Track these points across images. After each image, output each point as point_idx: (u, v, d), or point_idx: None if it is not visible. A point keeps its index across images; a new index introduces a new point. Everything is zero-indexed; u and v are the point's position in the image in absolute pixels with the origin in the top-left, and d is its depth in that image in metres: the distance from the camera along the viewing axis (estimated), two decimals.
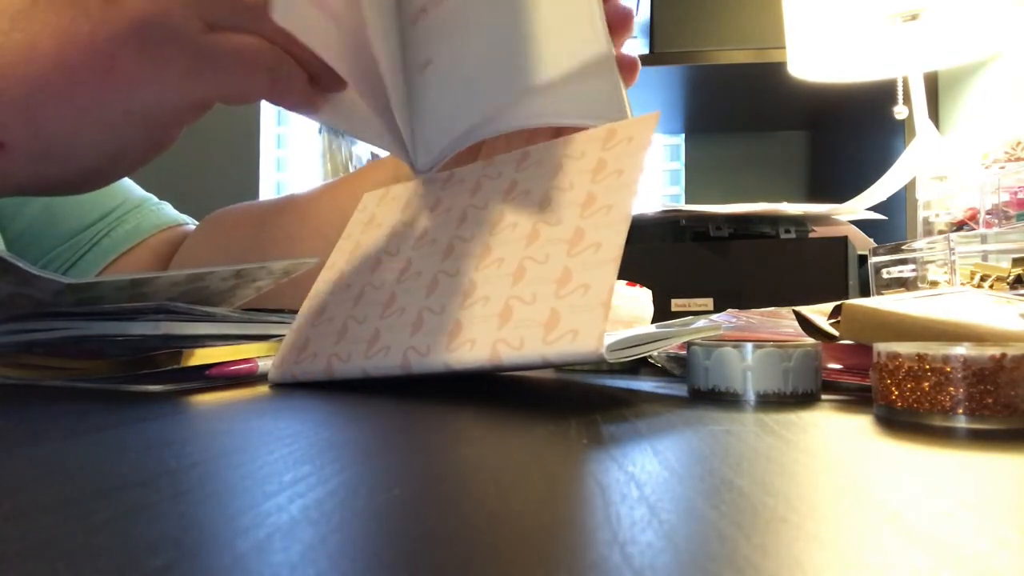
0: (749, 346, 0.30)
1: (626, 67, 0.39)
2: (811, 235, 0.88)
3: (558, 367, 0.29)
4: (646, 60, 1.45)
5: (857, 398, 0.31)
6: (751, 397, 0.30)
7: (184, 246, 0.64)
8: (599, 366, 0.42)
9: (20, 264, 0.31)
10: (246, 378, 0.38)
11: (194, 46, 0.30)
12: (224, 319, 0.39)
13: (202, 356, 0.36)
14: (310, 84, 0.34)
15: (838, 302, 0.35)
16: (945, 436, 0.23)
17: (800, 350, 0.30)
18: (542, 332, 0.29)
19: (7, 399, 0.33)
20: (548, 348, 0.28)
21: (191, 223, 0.68)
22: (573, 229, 0.32)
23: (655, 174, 1.93)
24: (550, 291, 0.30)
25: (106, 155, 0.33)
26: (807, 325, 0.37)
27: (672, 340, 0.34)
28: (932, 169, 0.79)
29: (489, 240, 0.35)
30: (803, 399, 0.30)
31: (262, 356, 0.39)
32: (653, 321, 0.48)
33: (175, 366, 0.35)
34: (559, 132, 0.41)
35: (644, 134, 0.33)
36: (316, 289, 0.41)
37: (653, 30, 1.46)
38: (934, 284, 0.68)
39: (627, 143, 0.32)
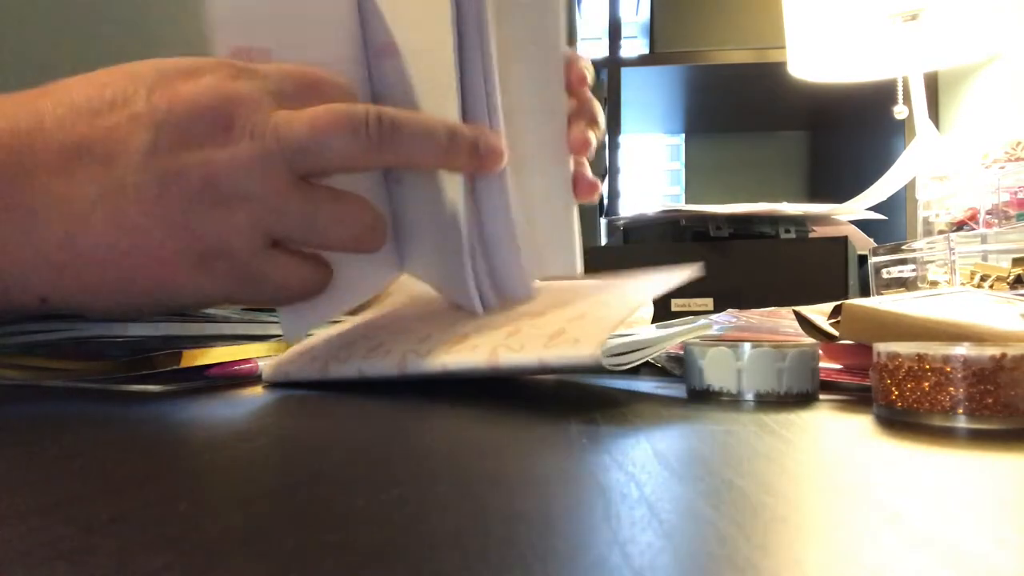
0: (745, 346, 0.30)
1: (585, 188, 0.41)
2: (811, 235, 0.88)
3: (556, 372, 0.29)
4: (646, 60, 1.45)
5: (857, 398, 0.31)
6: (746, 397, 0.30)
7: None
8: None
9: None
10: (246, 378, 0.38)
11: (244, 269, 0.30)
12: (224, 319, 0.39)
13: (202, 356, 0.36)
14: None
15: (838, 302, 0.35)
16: (945, 436, 0.23)
17: (795, 350, 0.30)
18: (544, 340, 0.29)
19: (7, 399, 0.33)
20: (547, 352, 0.28)
21: None
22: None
23: (655, 174, 1.94)
24: (562, 316, 0.31)
25: (131, 316, 0.35)
26: (807, 325, 0.37)
27: (667, 343, 0.34)
28: (932, 169, 0.79)
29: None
30: (799, 399, 0.30)
31: (262, 356, 0.39)
32: (653, 321, 0.48)
33: (175, 366, 0.35)
34: None
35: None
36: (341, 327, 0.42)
37: (653, 30, 1.46)
38: (934, 284, 0.68)
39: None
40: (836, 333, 0.35)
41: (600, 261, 0.86)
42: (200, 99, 0.29)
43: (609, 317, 0.30)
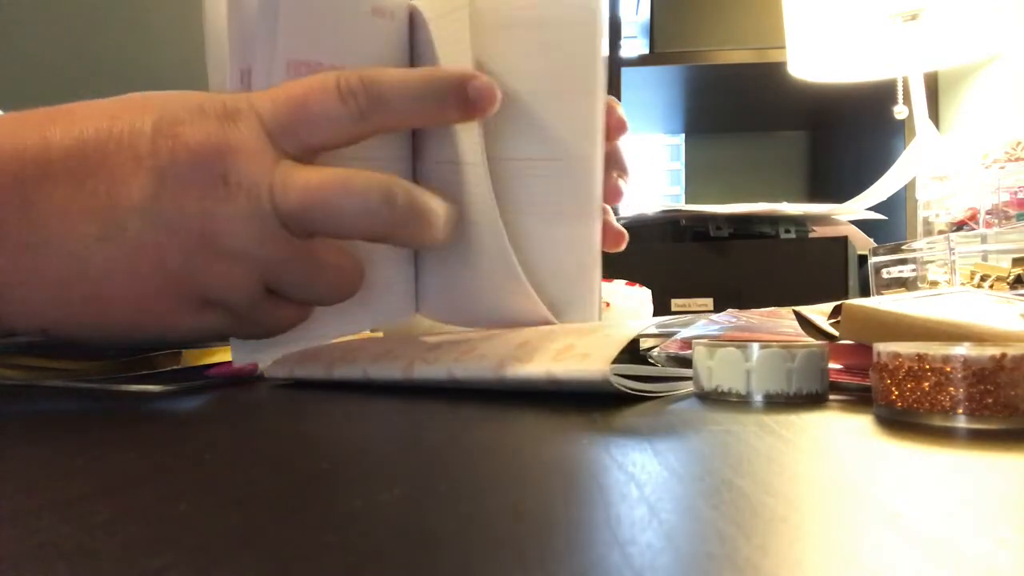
0: (754, 346, 0.30)
1: (613, 238, 0.41)
2: (811, 235, 0.88)
3: (561, 390, 0.30)
4: (646, 60, 1.45)
5: (857, 398, 0.31)
6: (755, 398, 0.30)
7: None
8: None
9: None
10: (246, 378, 0.38)
11: (242, 315, 0.31)
12: None
13: (202, 356, 0.36)
14: None
15: (838, 302, 0.35)
16: (945, 436, 0.23)
17: (804, 350, 0.30)
18: (553, 353, 0.30)
19: (7, 399, 0.33)
20: (556, 365, 0.29)
21: None
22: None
23: (655, 174, 1.93)
24: (572, 331, 0.31)
25: (135, 346, 0.36)
26: (807, 325, 0.37)
27: (679, 382, 0.33)
28: (932, 169, 0.79)
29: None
30: (808, 400, 0.30)
31: None
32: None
33: (175, 366, 0.35)
34: None
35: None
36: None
37: (653, 30, 1.46)
38: (934, 284, 0.68)
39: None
40: (836, 333, 0.34)
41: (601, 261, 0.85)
42: (201, 148, 0.29)
43: (619, 335, 0.30)
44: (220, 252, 0.29)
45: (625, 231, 0.42)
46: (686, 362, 0.37)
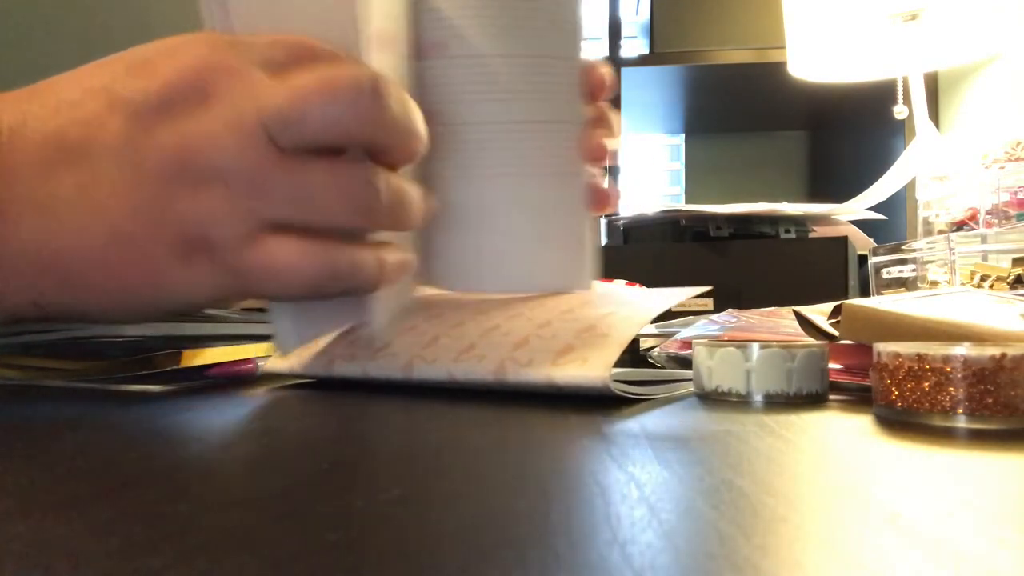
0: (754, 346, 0.30)
1: (600, 199, 0.39)
2: (811, 235, 0.88)
3: (561, 393, 0.30)
4: (646, 60, 1.45)
5: (857, 398, 0.31)
6: (755, 398, 0.30)
7: None
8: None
9: None
10: (246, 378, 0.38)
11: (234, 260, 0.27)
12: (224, 319, 0.39)
13: (202, 356, 0.36)
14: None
15: (838, 302, 0.35)
16: (945, 436, 0.23)
17: (804, 350, 0.30)
18: (552, 356, 0.30)
19: (7, 399, 0.33)
20: (556, 370, 0.29)
21: None
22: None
23: (655, 174, 1.93)
24: (570, 329, 0.31)
25: (126, 322, 0.34)
26: (807, 325, 0.37)
27: (679, 383, 0.33)
28: (932, 169, 0.79)
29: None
30: (808, 400, 0.30)
31: (262, 356, 0.39)
32: (653, 321, 0.48)
33: (175, 366, 0.35)
34: None
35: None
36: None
37: (653, 30, 1.46)
38: (934, 284, 0.68)
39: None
40: (836, 333, 0.34)
41: (601, 261, 0.85)
42: (177, 73, 0.27)
43: (617, 335, 0.30)
44: (199, 176, 0.27)
45: (617, 191, 0.41)
46: (686, 362, 0.37)
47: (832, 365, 0.35)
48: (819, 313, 0.37)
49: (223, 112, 0.27)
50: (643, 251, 0.87)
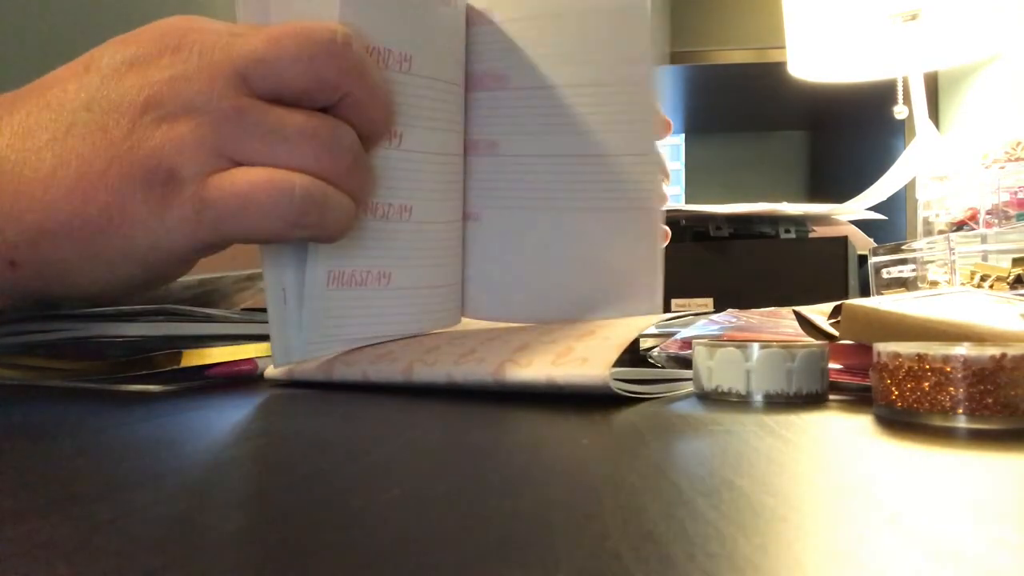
0: (754, 346, 0.30)
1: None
2: (811, 235, 0.88)
3: (561, 393, 0.30)
4: None
5: (857, 398, 0.31)
6: (755, 398, 0.30)
7: None
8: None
9: None
10: (246, 378, 0.38)
11: (198, 193, 0.27)
12: (224, 319, 0.39)
13: (202, 356, 0.36)
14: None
15: (838, 302, 0.35)
16: (945, 436, 0.23)
17: (804, 350, 0.30)
18: (552, 357, 0.30)
19: (7, 399, 0.33)
20: (555, 370, 0.29)
21: None
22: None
23: None
24: (571, 334, 0.32)
25: (107, 286, 0.31)
26: (807, 325, 0.37)
27: (679, 383, 0.34)
28: (932, 169, 0.79)
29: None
30: (808, 400, 0.30)
31: (262, 356, 0.39)
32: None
33: (175, 366, 0.35)
34: None
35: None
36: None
37: None
38: (934, 284, 0.68)
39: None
40: (836, 333, 0.34)
41: None
42: (152, 33, 0.28)
43: (618, 336, 0.30)
44: (165, 115, 0.27)
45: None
46: (686, 362, 0.37)
47: (832, 365, 0.35)
48: (819, 313, 0.37)
49: (195, 59, 0.28)
50: None
